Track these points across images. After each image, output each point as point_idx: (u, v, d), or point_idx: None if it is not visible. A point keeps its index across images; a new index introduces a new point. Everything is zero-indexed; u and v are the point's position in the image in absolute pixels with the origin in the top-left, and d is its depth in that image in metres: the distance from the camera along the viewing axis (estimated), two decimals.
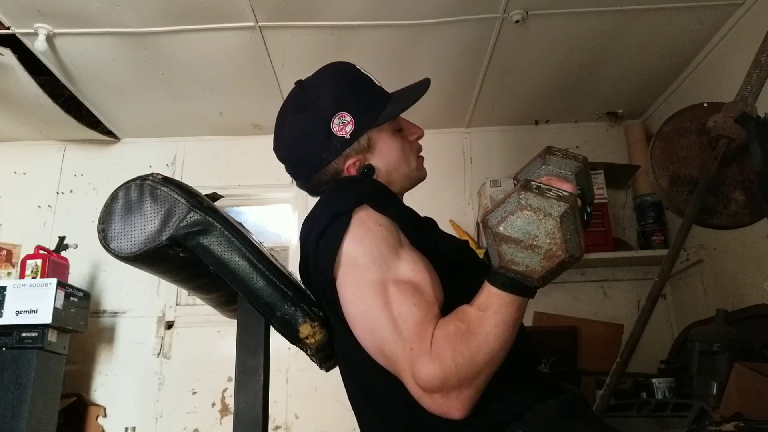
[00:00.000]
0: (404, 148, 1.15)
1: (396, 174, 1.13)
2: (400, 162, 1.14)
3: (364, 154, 1.11)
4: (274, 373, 2.31)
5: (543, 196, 0.77)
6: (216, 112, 2.80)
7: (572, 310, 2.74)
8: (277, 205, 3.09)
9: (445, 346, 0.79)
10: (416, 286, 0.87)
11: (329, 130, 1.09)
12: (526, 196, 0.77)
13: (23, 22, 2.07)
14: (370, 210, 0.93)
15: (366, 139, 1.11)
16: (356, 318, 0.89)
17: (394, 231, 0.93)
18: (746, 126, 1.45)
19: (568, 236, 0.76)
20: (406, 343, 0.82)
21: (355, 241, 0.90)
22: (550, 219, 0.75)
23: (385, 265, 0.88)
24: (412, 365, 0.80)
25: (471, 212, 2.89)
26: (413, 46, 2.31)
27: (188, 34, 2.18)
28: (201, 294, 1.18)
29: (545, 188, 0.78)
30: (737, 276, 2.22)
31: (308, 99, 1.13)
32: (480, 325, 0.81)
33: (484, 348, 0.80)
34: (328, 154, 1.09)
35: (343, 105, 1.10)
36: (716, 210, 1.64)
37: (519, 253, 0.77)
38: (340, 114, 1.09)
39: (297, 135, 1.13)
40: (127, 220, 0.98)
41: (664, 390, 1.91)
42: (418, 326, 0.82)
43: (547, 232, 0.75)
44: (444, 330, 0.81)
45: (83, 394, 2.64)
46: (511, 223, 0.77)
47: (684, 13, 2.17)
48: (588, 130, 3.03)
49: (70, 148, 3.03)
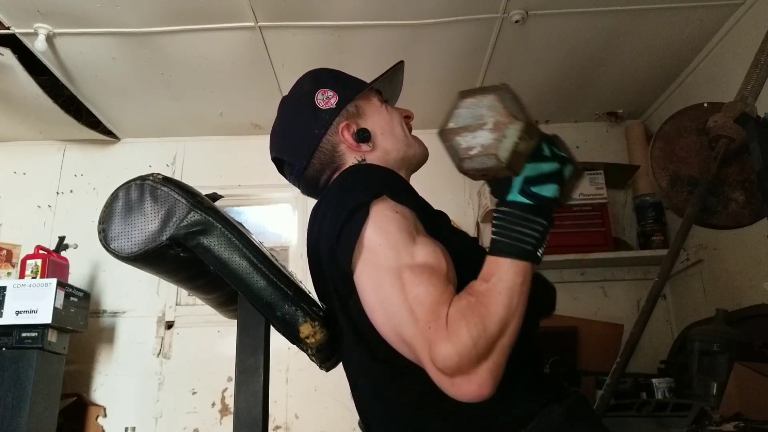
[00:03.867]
0: (394, 117, 1.17)
1: (392, 140, 1.14)
2: (392, 126, 1.15)
3: (355, 120, 1.13)
4: (274, 373, 2.31)
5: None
6: (216, 112, 2.80)
7: (572, 310, 2.74)
8: (277, 205, 3.09)
9: (459, 320, 0.79)
10: (432, 269, 0.86)
11: (315, 106, 1.12)
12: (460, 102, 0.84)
13: (23, 22, 2.07)
14: (388, 200, 0.93)
15: (354, 106, 1.14)
16: (375, 305, 0.89)
17: (411, 218, 0.93)
18: (746, 126, 1.45)
19: (509, 105, 0.80)
20: (423, 323, 0.81)
21: (373, 231, 0.90)
22: (489, 95, 0.82)
23: (403, 251, 0.88)
24: (430, 347, 0.79)
25: (471, 212, 2.89)
26: (413, 46, 2.31)
27: (188, 34, 2.18)
28: (201, 294, 1.18)
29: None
30: (737, 276, 2.22)
31: (290, 95, 1.19)
32: (487, 295, 0.81)
33: (495, 316, 0.80)
34: (318, 129, 1.11)
35: (324, 83, 1.15)
36: (716, 210, 1.64)
37: (471, 137, 0.82)
38: (321, 90, 1.14)
39: (286, 122, 1.17)
40: (127, 220, 0.98)
41: (664, 390, 1.91)
42: (433, 305, 0.82)
43: (489, 106, 0.81)
44: (456, 306, 0.81)
45: (83, 394, 2.64)
46: (456, 115, 0.83)
47: (684, 13, 2.17)
48: (588, 130, 3.03)
49: (70, 148, 3.03)
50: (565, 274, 2.78)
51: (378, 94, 1.20)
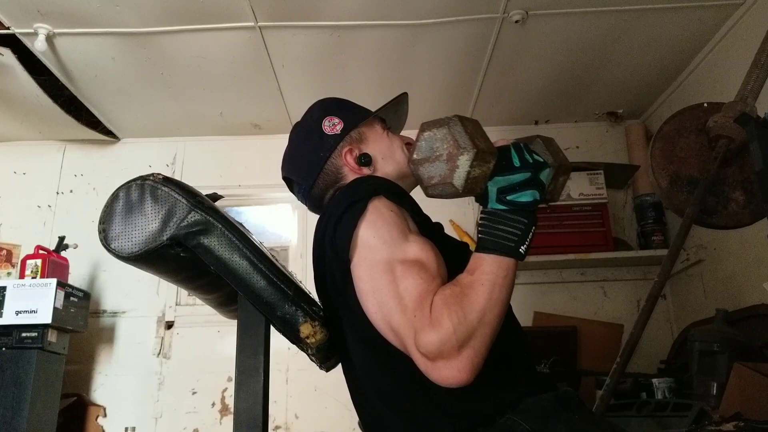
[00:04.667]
0: (395, 143, 1.26)
1: (392, 164, 1.22)
2: (392, 150, 1.24)
3: (358, 145, 1.23)
4: (274, 373, 2.32)
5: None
6: (216, 112, 2.80)
7: (572, 310, 2.75)
8: (277, 205, 3.08)
9: (442, 308, 0.85)
10: (422, 263, 0.93)
11: (321, 132, 1.23)
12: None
13: (23, 22, 2.07)
14: (384, 199, 1.01)
15: (357, 133, 1.24)
16: (367, 294, 0.95)
17: (405, 217, 1.02)
18: (746, 126, 1.45)
19: (458, 137, 0.89)
20: (410, 312, 0.88)
21: (368, 225, 0.97)
22: (442, 128, 0.91)
23: (395, 246, 0.95)
24: (415, 334, 0.85)
25: (471, 212, 2.89)
26: (413, 46, 2.31)
27: (188, 34, 2.18)
28: (201, 294, 1.18)
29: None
30: (737, 276, 2.22)
31: (301, 121, 1.31)
32: (470, 286, 0.88)
33: (476, 306, 0.86)
34: (324, 152, 1.21)
35: (330, 112, 1.26)
36: (716, 210, 1.64)
37: (431, 167, 0.90)
38: (328, 118, 1.24)
39: (295, 145, 1.28)
40: (127, 220, 0.98)
41: (664, 390, 1.91)
42: (420, 296, 0.88)
43: (441, 139, 0.90)
44: (441, 294, 0.88)
45: (83, 394, 2.64)
46: (419, 147, 0.92)
47: (684, 13, 2.17)
48: (588, 130, 3.03)
49: (70, 148, 3.03)
50: (565, 274, 2.78)
51: (381, 122, 1.29)
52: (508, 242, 0.89)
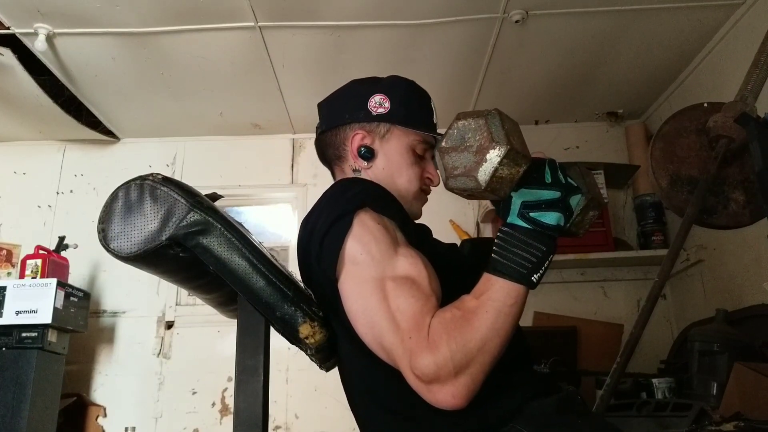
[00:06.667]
0: (413, 168, 1.14)
1: (392, 179, 1.13)
2: (400, 172, 1.13)
3: (374, 137, 1.14)
4: (274, 373, 2.31)
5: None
6: (216, 112, 2.80)
7: (572, 310, 2.74)
8: (277, 205, 3.08)
9: (441, 332, 0.81)
10: (413, 280, 0.89)
11: (365, 102, 1.14)
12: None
13: (23, 22, 2.07)
14: (371, 211, 0.96)
15: (386, 128, 1.14)
16: (357, 313, 0.92)
17: (392, 229, 0.96)
18: (746, 126, 1.45)
19: (494, 130, 0.83)
20: (404, 333, 0.84)
21: (355, 241, 0.93)
22: (479, 119, 0.85)
23: (384, 262, 0.90)
24: (410, 356, 0.82)
25: (471, 212, 2.89)
26: (413, 46, 2.31)
27: (188, 34, 2.18)
28: (201, 294, 1.18)
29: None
30: (737, 276, 2.22)
31: (363, 81, 1.21)
32: (474, 311, 0.83)
33: (477, 334, 0.81)
34: (349, 117, 1.15)
35: (391, 94, 1.15)
36: (716, 210, 1.64)
37: (457, 157, 0.85)
38: (383, 97, 1.14)
39: (342, 92, 1.21)
40: (127, 219, 0.98)
41: (664, 390, 1.91)
42: (415, 317, 0.84)
43: (476, 129, 0.84)
44: (440, 317, 0.83)
45: (83, 394, 2.64)
46: (449, 135, 0.87)
47: (684, 13, 2.17)
48: (588, 130, 3.03)
49: (70, 148, 3.03)
50: (565, 274, 2.78)
51: (427, 144, 1.16)
52: (522, 268, 0.83)
